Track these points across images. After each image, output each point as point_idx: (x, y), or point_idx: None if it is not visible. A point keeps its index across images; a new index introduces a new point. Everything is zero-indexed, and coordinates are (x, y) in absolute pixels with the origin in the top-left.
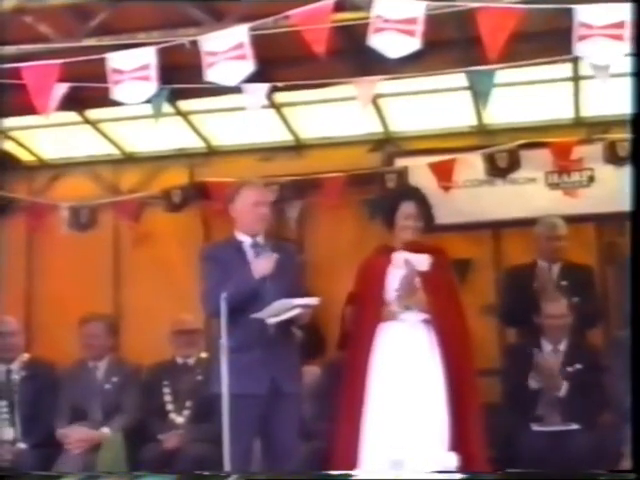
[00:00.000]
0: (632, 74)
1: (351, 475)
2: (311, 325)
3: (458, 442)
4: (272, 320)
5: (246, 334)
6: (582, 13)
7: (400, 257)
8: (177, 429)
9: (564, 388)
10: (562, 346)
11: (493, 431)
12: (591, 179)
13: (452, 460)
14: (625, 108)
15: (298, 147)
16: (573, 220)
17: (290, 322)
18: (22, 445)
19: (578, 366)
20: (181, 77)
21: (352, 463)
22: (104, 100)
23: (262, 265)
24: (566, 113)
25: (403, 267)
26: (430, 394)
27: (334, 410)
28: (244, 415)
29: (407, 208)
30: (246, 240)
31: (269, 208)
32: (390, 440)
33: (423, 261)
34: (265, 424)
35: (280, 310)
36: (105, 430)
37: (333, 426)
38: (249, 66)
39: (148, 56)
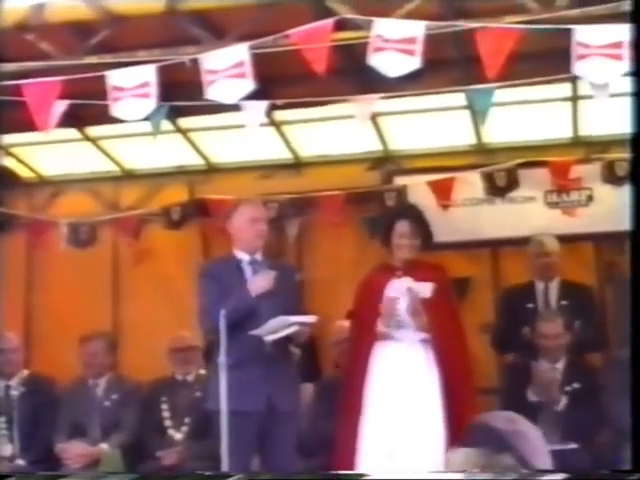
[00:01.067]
0: (632, 94)
1: (354, 476)
2: (308, 344)
3: None
4: (270, 338)
5: (243, 351)
6: (580, 33)
7: (402, 286)
8: (175, 445)
9: (562, 404)
10: (559, 365)
11: None
12: (590, 198)
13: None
14: (624, 128)
15: (297, 165)
16: (572, 239)
17: (288, 340)
18: (20, 461)
19: (576, 385)
20: (181, 95)
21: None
22: (104, 117)
23: (259, 283)
24: (565, 132)
25: (406, 295)
26: (426, 413)
27: (331, 427)
28: (242, 432)
29: (401, 227)
30: (244, 258)
31: (266, 225)
32: (387, 458)
33: (426, 289)
34: (263, 441)
35: (277, 328)
36: (104, 446)
37: (331, 443)
38: (249, 84)
39: (148, 74)
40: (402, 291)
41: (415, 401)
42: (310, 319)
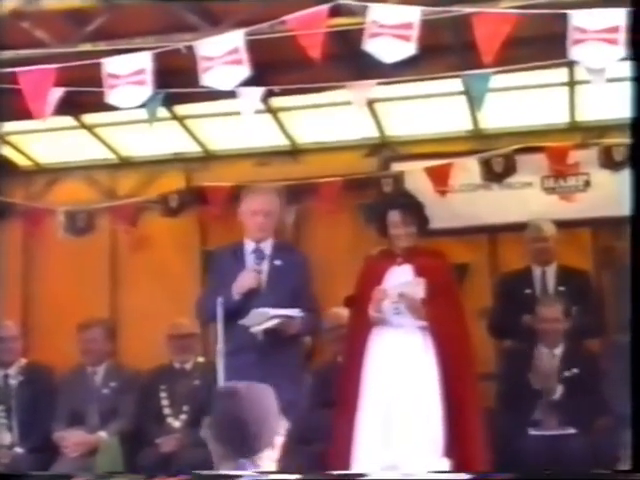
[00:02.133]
0: (632, 78)
1: (354, 475)
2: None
3: (458, 445)
4: (255, 329)
5: (238, 340)
6: (577, 18)
7: (394, 291)
8: (174, 433)
9: (560, 391)
10: (558, 350)
11: (490, 435)
12: (587, 184)
13: (444, 466)
14: (621, 112)
15: (294, 152)
16: (569, 225)
17: (276, 331)
18: (19, 449)
19: (575, 370)
20: (177, 82)
21: (348, 467)
22: (100, 105)
23: (242, 283)
24: (562, 118)
25: (398, 301)
26: (422, 400)
27: (326, 416)
28: None
29: (393, 217)
30: (249, 246)
31: (270, 217)
32: (384, 445)
33: (418, 290)
34: None
35: (259, 320)
36: (102, 434)
37: (327, 432)
38: (245, 71)
39: (144, 61)
40: (395, 298)
41: (411, 388)
42: (295, 312)
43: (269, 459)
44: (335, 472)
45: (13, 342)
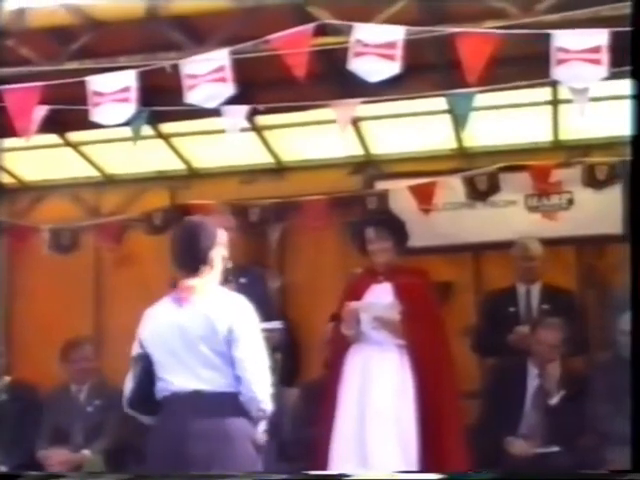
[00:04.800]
0: (632, 97)
1: (348, 475)
2: (289, 347)
3: (437, 462)
4: None
5: None
6: (559, 38)
7: (368, 317)
8: None
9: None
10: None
11: (471, 452)
12: (570, 202)
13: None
14: (603, 131)
15: (279, 170)
16: (553, 243)
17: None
18: (2, 468)
19: (562, 392)
20: (162, 100)
21: None
22: (85, 122)
23: None
24: (545, 136)
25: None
26: (397, 416)
27: (313, 431)
28: None
29: (369, 233)
30: None
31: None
32: (359, 461)
33: (393, 313)
34: None
35: None
36: (86, 452)
37: (312, 448)
38: (229, 89)
39: (128, 79)
40: (369, 314)
41: (384, 404)
42: (275, 325)
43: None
44: (317, 473)
45: None
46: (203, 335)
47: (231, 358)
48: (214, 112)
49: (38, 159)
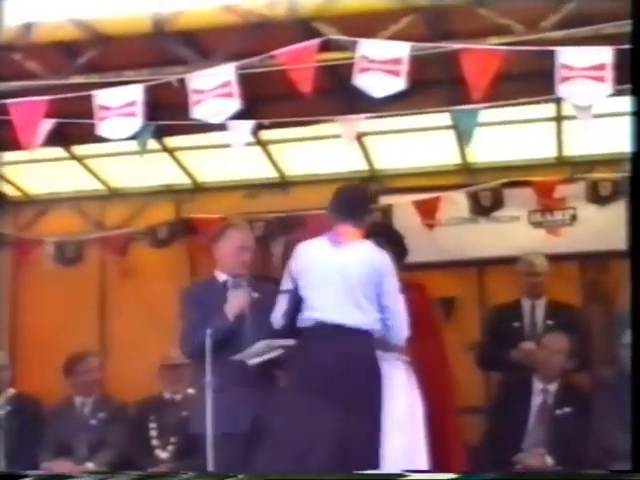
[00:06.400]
0: (632, 113)
1: (352, 474)
2: None
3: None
4: (254, 361)
5: (227, 374)
6: (564, 55)
7: None
8: (162, 464)
9: (550, 427)
10: (552, 387)
11: (474, 468)
12: (574, 218)
13: None
14: (608, 147)
15: (283, 184)
16: (556, 259)
17: (271, 362)
18: None
19: (567, 409)
20: (168, 114)
21: None
22: (90, 136)
23: (235, 304)
24: (549, 152)
25: None
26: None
27: None
28: (226, 453)
29: None
30: (227, 280)
31: (251, 253)
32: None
33: None
34: (248, 461)
35: (263, 351)
36: (90, 465)
37: None
38: (235, 104)
39: (135, 93)
40: None
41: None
42: (289, 342)
43: None
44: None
45: (3, 372)
46: (357, 277)
47: (378, 303)
48: (219, 126)
49: (43, 172)
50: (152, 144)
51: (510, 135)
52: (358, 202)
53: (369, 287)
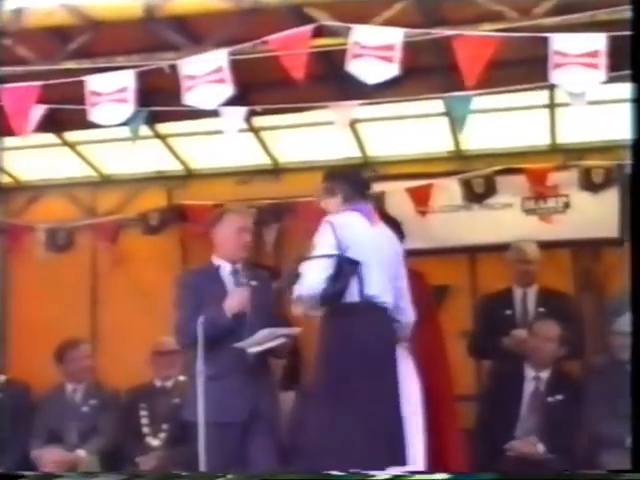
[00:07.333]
0: (632, 100)
1: (351, 474)
2: (291, 352)
3: (435, 463)
4: (255, 349)
5: (224, 363)
6: (558, 42)
7: None
8: (153, 451)
9: (541, 415)
10: (544, 374)
11: (468, 455)
12: (566, 205)
13: None
14: (601, 135)
15: (276, 171)
16: (549, 246)
17: (270, 352)
18: None
19: (559, 397)
20: (160, 100)
21: None
22: (82, 122)
23: (234, 302)
24: (542, 140)
25: None
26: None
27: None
28: (221, 441)
29: None
30: (225, 266)
31: (251, 235)
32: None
33: None
34: (243, 451)
35: (264, 339)
36: (81, 452)
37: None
38: (228, 90)
39: (126, 79)
40: None
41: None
42: (295, 331)
43: None
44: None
45: None
46: (388, 257)
47: (394, 283)
48: (211, 113)
49: (35, 158)
50: (144, 130)
51: (503, 122)
52: (368, 184)
53: (392, 268)
